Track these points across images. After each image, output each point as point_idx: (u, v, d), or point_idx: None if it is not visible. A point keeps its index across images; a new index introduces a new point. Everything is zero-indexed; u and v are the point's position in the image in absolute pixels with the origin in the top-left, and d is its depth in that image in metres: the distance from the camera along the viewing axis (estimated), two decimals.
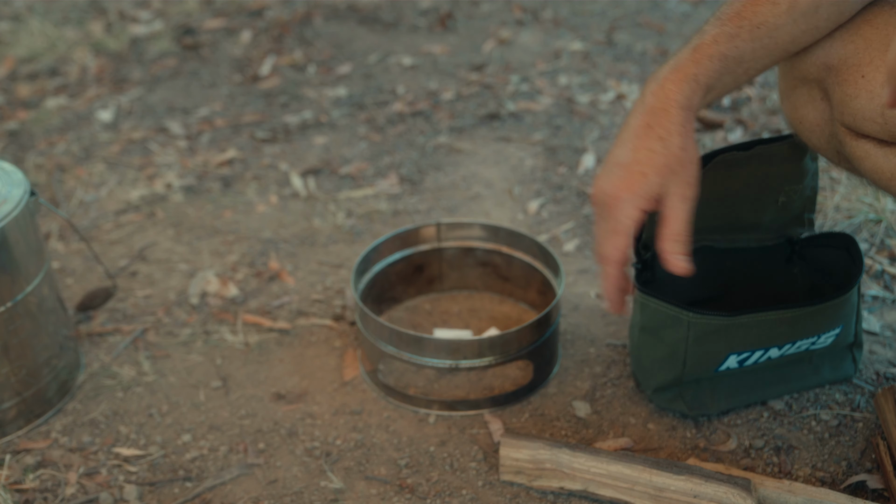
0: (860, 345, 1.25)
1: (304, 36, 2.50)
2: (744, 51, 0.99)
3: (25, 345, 1.24)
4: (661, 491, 1.06)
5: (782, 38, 0.99)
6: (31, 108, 2.21)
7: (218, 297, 1.52)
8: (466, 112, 2.07)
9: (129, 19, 2.68)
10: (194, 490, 1.17)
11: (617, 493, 1.08)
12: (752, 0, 0.98)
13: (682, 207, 1.00)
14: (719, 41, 0.98)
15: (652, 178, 0.99)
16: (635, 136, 0.99)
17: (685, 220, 1.01)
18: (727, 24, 0.99)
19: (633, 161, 0.99)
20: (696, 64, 0.98)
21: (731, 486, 1.03)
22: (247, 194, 1.81)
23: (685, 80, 0.98)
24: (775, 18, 0.97)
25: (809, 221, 1.26)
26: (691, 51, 0.99)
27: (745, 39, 0.98)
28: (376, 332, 1.26)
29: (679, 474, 1.05)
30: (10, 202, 1.19)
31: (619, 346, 1.36)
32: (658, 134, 0.99)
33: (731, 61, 0.99)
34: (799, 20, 0.98)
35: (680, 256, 1.01)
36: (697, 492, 1.04)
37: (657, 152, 0.99)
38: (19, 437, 1.26)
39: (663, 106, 0.99)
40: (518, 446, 1.12)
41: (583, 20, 2.50)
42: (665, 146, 0.99)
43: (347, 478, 1.17)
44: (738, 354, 1.16)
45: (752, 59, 1.00)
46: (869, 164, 0.99)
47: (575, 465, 1.09)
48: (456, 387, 1.30)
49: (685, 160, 0.99)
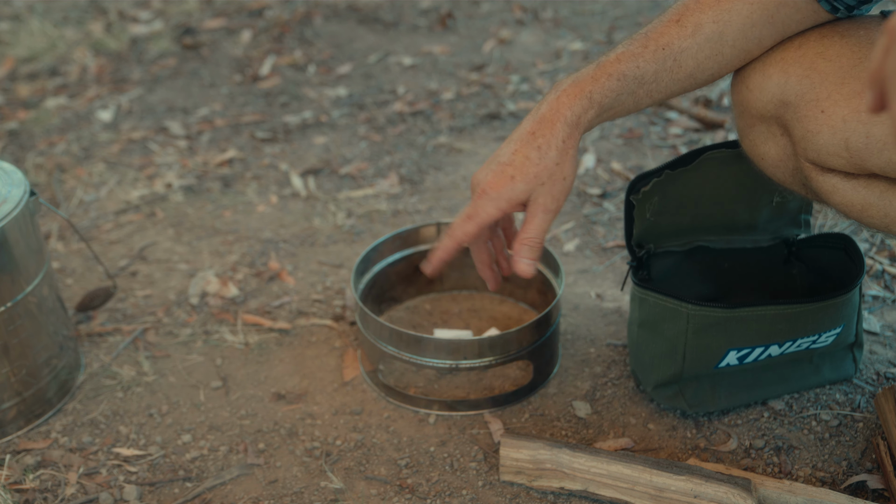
0: (861, 345, 1.25)
1: (304, 36, 2.50)
2: (646, 71, 1.00)
3: (25, 345, 1.24)
4: (662, 491, 1.06)
5: (687, 63, 1.01)
6: (31, 108, 2.21)
7: (218, 297, 1.52)
8: (467, 112, 2.07)
9: (129, 19, 2.68)
10: (194, 490, 1.17)
11: (617, 494, 1.08)
12: (661, 23, 1.01)
13: (543, 218, 1.04)
14: (622, 59, 1.00)
15: (519, 183, 1.02)
16: (519, 140, 1.02)
17: (542, 229, 1.04)
18: (633, 43, 1.01)
19: (508, 162, 1.03)
20: (594, 81, 1.00)
21: (732, 486, 1.03)
22: (247, 194, 1.81)
23: (579, 97, 1.00)
24: (680, 41, 0.99)
25: (806, 223, 1.26)
26: (594, 67, 1.01)
27: (648, 60, 1.00)
28: (376, 332, 1.26)
29: (679, 474, 1.05)
30: (10, 202, 1.19)
31: (619, 346, 1.36)
32: (538, 143, 1.01)
33: (631, 81, 1.00)
34: (703, 45, 1.00)
35: (528, 261, 1.05)
36: (698, 492, 1.04)
37: (531, 161, 1.02)
38: (19, 437, 1.26)
39: (552, 118, 1.01)
40: (518, 446, 1.12)
41: (583, 20, 2.50)
42: (541, 157, 1.01)
43: (347, 478, 1.17)
44: (738, 350, 1.16)
45: (655, 80, 1.01)
46: (838, 198, 0.98)
47: (575, 466, 1.09)
48: (456, 387, 1.30)
49: (556, 175, 1.02)
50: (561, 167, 1.02)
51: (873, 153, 0.91)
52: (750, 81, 1.02)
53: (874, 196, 0.95)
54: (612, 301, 1.46)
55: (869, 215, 0.97)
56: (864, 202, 0.96)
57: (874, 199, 0.96)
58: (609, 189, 1.75)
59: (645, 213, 1.18)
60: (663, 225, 1.21)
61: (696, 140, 1.89)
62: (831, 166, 0.96)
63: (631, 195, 1.17)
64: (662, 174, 1.16)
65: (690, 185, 1.19)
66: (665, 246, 1.23)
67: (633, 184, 1.17)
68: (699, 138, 1.89)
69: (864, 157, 0.92)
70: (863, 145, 0.91)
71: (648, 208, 1.18)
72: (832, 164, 0.95)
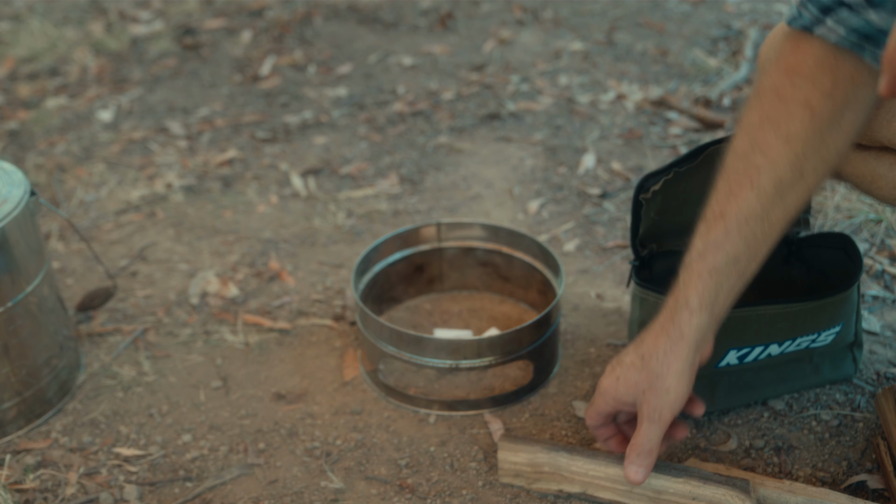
0: (860, 344, 1.25)
1: (304, 36, 2.50)
2: (738, 254, 0.94)
3: (25, 345, 1.24)
4: (660, 493, 1.05)
5: (777, 215, 0.94)
6: (31, 108, 2.21)
7: (218, 297, 1.52)
8: (467, 112, 2.07)
9: (129, 19, 2.68)
10: (194, 490, 1.17)
11: (615, 496, 1.08)
12: (730, 191, 0.93)
13: (647, 427, 1.00)
14: (705, 254, 0.95)
15: (622, 387, 1.01)
16: (634, 344, 1.01)
17: (647, 439, 1.00)
18: (712, 230, 0.94)
19: (619, 363, 1.02)
20: (686, 286, 0.96)
21: (730, 487, 1.03)
22: (247, 194, 1.81)
23: (677, 308, 0.97)
24: (762, 206, 0.92)
25: (805, 221, 1.26)
26: (683, 271, 0.97)
27: (734, 242, 0.94)
28: (376, 332, 1.26)
29: (677, 476, 1.05)
30: (10, 202, 1.19)
31: (619, 346, 1.36)
32: (642, 352, 0.99)
33: (724, 267, 0.95)
34: (787, 193, 0.92)
35: (634, 468, 1.01)
36: (696, 494, 1.04)
37: (635, 367, 1.00)
38: (19, 437, 1.26)
39: (657, 330, 0.99)
40: (516, 450, 1.11)
41: (583, 20, 2.50)
42: (643, 365, 0.99)
43: (347, 478, 1.17)
44: (738, 350, 1.16)
45: (748, 256, 0.95)
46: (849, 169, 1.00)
47: (573, 468, 1.09)
48: (456, 387, 1.30)
49: (658, 386, 0.99)
50: (663, 380, 0.98)
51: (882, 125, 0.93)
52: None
53: (884, 167, 0.97)
54: (612, 301, 1.46)
55: (878, 186, 0.99)
56: (874, 173, 0.98)
57: (884, 171, 0.98)
58: (609, 189, 1.75)
59: (650, 212, 1.18)
60: (666, 224, 1.21)
61: (696, 140, 1.89)
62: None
63: (641, 194, 1.17)
64: (671, 172, 1.16)
65: (693, 183, 1.19)
66: (667, 245, 1.23)
67: (642, 183, 1.17)
68: (699, 138, 1.89)
69: (873, 127, 0.94)
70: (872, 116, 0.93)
71: (653, 207, 1.18)
72: None
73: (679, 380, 0.98)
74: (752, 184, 0.92)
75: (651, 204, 1.18)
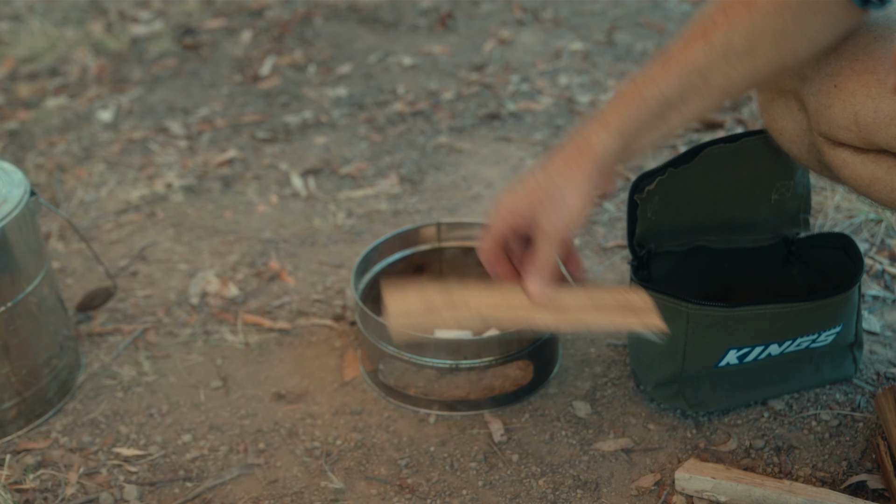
0: (860, 344, 1.25)
1: (304, 36, 2.50)
2: (670, 93, 0.96)
3: (25, 345, 1.24)
4: (560, 304, 1.02)
5: (717, 80, 0.96)
6: (31, 108, 2.21)
7: (218, 297, 1.52)
8: (467, 112, 2.07)
9: (129, 19, 2.68)
10: (194, 490, 1.17)
11: (514, 313, 1.02)
12: (685, 39, 0.96)
13: (543, 244, 0.99)
14: (640, 83, 0.96)
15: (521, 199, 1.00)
16: (536, 164, 1.01)
17: (545, 256, 1.00)
18: (653, 64, 0.97)
19: (519, 180, 1.01)
20: (612, 109, 0.97)
21: (624, 288, 1.08)
22: (247, 194, 1.81)
23: (595, 126, 0.98)
24: (708, 59, 0.94)
25: (805, 221, 1.26)
26: (614, 96, 0.98)
27: (670, 81, 0.95)
28: (376, 332, 1.26)
29: (574, 288, 1.05)
30: (10, 202, 1.19)
31: (619, 346, 1.36)
32: (546, 166, 0.99)
33: (653, 104, 0.96)
34: (735, 62, 0.95)
35: (535, 286, 1.01)
36: (595, 297, 1.04)
37: (537, 180, 0.99)
38: (19, 437, 1.26)
39: (567, 146, 0.99)
40: (405, 293, 1.04)
41: (583, 20, 2.50)
42: (546, 178, 0.98)
43: (347, 478, 1.17)
44: (738, 349, 1.16)
45: (682, 101, 0.97)
46: (848, 172, 1.00)
47: (467, 298, 1.03)
48: (456, 387, 1.30)
49: (557, 198, 0.98)
50: (562, 192, 0.97)
51: (881, 128, 0.93)
52: None
53: (882, 171, 0.97)
54: None
55: (876, 190, 0.99)
56: (873, 176, 0.98)
57: (882, 174, 0.97)
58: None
59: (647, 212, 1.18)
60: (664, 224, 1.21)
61: (696, 140, 1.89)
62: (842, 140, 0.98)
63: (635, 194, 1.17)
64: (666, 172, 1.16)
65: (690, 183, 1.19)
66: (665, 246, 1.23)
67: (636, 183, 1.17)
68: (699, 138, 1.89)
69: (871, 131, 0.93)
70: (871, 119, 0.93)
71: (650, 207, 1.18)
72: (842, 138, 0.97)
73: (577, 193, 0.97)
74: (705, 38, 0.94)
75: (648, 204, 1.18)
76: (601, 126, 0.97)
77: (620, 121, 0.96)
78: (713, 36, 0.94)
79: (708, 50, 0.94)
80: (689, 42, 0.95)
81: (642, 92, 0.96)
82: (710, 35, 0.94)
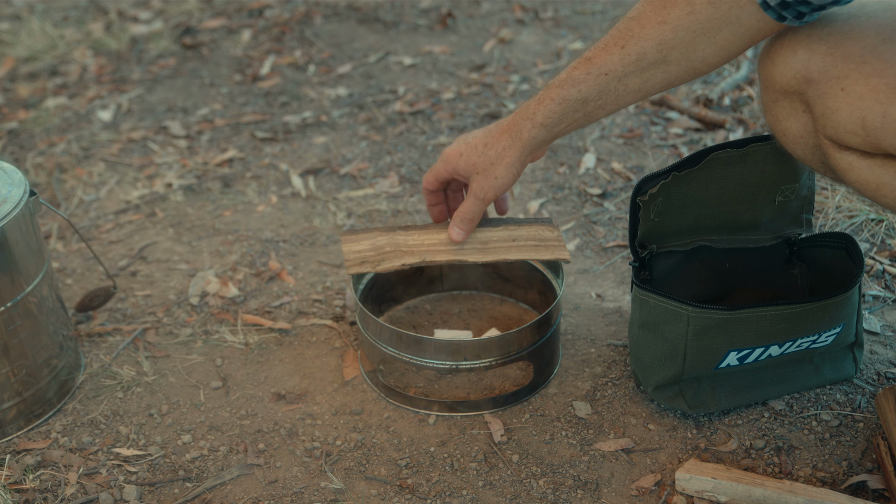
0: (861, 345, 1.25)
1: (304, 36, 2.50)
2: (588, 95, 1.09)
3: (25, 345, 1.24)
4: (486, 243, 1.26)
5: (632, 82, 1.07)
6: (31, 108, 2.21)
7: (218, 297, 1.52)
8: (467, 112, 2.06)
9: (129, 19, 2.68)
10: (194, 490, 1.17)
11: (451, 256, 1.25)
12: (605, 46, 1.07)
13: (474, 201, 1.21)
14: (564, 85, 1.09)
15: (462, 162, 1.21)
16: (482, 133, 1.20)
17: (472, 210, 1.22)
18: (577, 68, 1.09)
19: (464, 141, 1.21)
20: (539, 104, 1.12)
21: (539, 224, 1.30)
22: (247, 194, 1.81)
23: (526, 117, 1.14)
24: (623, 66, 1.06)
25: (807, 222, 1.26)
26: (543, 89, 1.13)
27: (590, 85, 1.08)
28: (376, 333, 1.26)
29: (497, 226, 1.28)
30: (10, 202, 1.19)
31: (619, 346, 1.36)
32: (486, 142, 1.18)
33: (574, 103, 1.10)
34: (647, 68, 1.05)
35: (457, 230, 1.24)
36: (515, 236, 1.28)
37: (477, 151, 1.19)
38: (19, 437, 1.26)
39: (506, 128, 1.17)
40: (358, 239, 1.27)
41: (583, 20, 2.50)
42: (484, 153, 1.18)
43: (347, 478, 1.17)
44: (738, 351, 1.16)
45: (600, 99, 1.09)
46: (853, 176, 0.99)
47: (410, 242, 1.26)
48: (456, 387, 1.30)
49: (490, 172, 1.18)
50: (495, 167, 1.18)
51: (889, 133, 0.92)
52: (776, 56, 1.02)
53: (889, 176, 0.97)
54: (612, 301, 1.46)
55: (882, 194, 0.99)
56: (879, 181, 0.98)
57: (889, 179, 0.97)
58: (609, 189, 1.75)
59: (650, 214, 1.18)
60: (667, 225, 1.21)
61: (697, 140, 1.89)
62: (848, 144, 0.97)
63: (638, 197, 1.17)
64: (670, 176, 1.16)
65: (694, 186, 1.19)
66: (667, 246, 1.23)
67: (639, 185, 1.17)
68: (700, 138, 1.89)
69: (879, 136, 0.93)
70: (879, 124, 0.92)
71: (653, 209, 1.18)
72: (849, 142, 0.97)
73: (508, 171, 1.18)
74: (622, 46, 1.05)
75: (651, 206, 1.18)
76: (530, 120, 1.14)
77: (545, 117, 1.12)
78: (628, 46, 1.05)
79: (624, 59, 1.05)
80: (608, 50, 1.07)
81: (564, 94, 1.10)
82: (627, 45, 1.05)
